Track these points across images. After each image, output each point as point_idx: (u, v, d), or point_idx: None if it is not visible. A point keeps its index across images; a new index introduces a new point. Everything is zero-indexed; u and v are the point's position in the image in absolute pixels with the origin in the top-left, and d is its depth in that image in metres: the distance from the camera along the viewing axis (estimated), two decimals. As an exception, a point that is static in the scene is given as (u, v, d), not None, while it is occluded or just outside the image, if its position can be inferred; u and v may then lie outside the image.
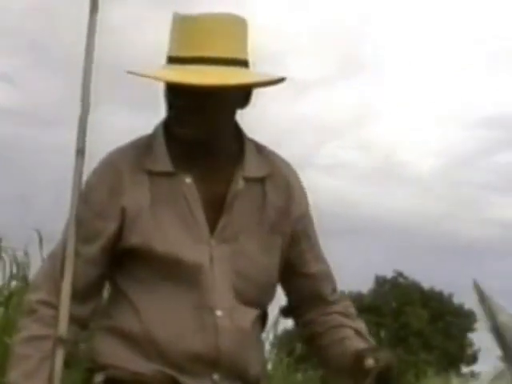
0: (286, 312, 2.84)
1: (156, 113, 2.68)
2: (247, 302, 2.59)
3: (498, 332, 2.04)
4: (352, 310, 2.81)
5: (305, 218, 2.72)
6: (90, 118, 2.56)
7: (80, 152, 2.55)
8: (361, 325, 2.77)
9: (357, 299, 33.17)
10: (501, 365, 2.26)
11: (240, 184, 2.59)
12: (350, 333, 2.70)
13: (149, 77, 2.52)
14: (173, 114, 2.56)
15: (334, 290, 2.81)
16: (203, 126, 2.54)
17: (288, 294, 2.77)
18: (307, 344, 2.85)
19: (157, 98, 2.63)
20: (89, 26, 2.58)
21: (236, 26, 2.57)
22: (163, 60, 2.57)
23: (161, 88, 2.59)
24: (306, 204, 2.74)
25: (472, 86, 49.53)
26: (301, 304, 2.77)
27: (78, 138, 2.56)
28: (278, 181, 2.67)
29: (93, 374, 2.58)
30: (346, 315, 2.75)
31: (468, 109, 49.60)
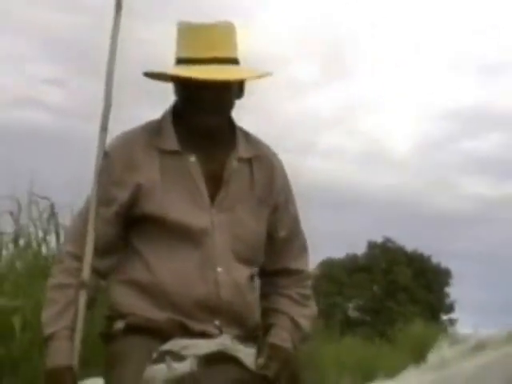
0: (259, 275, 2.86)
1: (162, 105, 2.81)
2: (242, 261, 2.69)
3: None
4: (305, 293, 2.83)
5: (285, 192, 2.82)
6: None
7: (103, 129, 2.72)
8: (305, 311, 2.80)
9: (352, 260, 33.33)
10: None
11: (234, 164, 2.71)
12: (282, 321, 2.74)
13: (172, 75, 2.66)
14: (187, 105, 2.68)
15: (301, 270, 2.85)
16: (214, 114, 2.67)
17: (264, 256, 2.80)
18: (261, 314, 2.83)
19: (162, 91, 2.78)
20: (113, 24, 2.74)
21: (229, 31, 2.71)
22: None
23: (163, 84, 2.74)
24: (286, 181, 2.84)
25: (440, 85, 50.97)
26: (267, 270, 2.83)
27: (103, 118, 2.73)
28: (263, 162, 2.78)
29: (113, 321, 2.66)
30: (295, 301, 2.79)
31: (437, 104, 50.92)
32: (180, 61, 2.67)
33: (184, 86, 2.66)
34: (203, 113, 2.65)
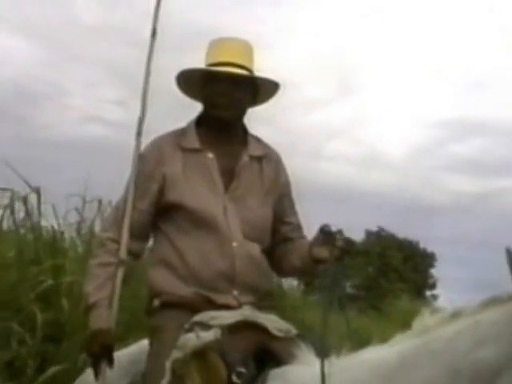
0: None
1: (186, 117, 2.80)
2: (251, 240, 2.64)
3: None
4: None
5: (287, 185, 2.82)
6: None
7: (138, 134, 2.68)
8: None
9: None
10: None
11: (245, 160, 2.69)
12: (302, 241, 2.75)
13: (203, 69, 2.67)
14: (210, 98, 2.67)
15: (299, 235, 2.82)
16: (230, 108, 2.65)
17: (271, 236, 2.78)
18: (275, 269, 2.80)
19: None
20: (149, 47, 2.73)
21: (247, 47, 2.73)
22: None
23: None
24: (287, 177, 2.83)
25: (429, 99, 51.74)
26: (276, 244, 2.79)
27: (138, 125, 2.69)
28: (271, 160, 2.77)
29: (151, 299, 2.63)
30: (302, 237, 2.80)
31: (427, 115, 51.62)
32: (208, 65, 2.70)
33: (206, 83, 2.67)
34: (218, 105, 2.64)
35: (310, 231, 2.80)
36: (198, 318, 2.48)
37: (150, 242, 2.77)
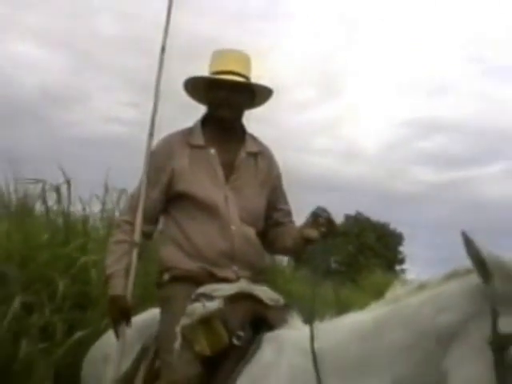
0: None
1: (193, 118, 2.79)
2: (248, 224, 2.63)
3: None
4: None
5: (278, 178, 2.80)
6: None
7: (151, 134, 2.69)
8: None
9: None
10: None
11: (243, 155, 2.68)
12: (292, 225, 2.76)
13: (208, 77, 2.65)
14: (214, 102, 2.66)
15: (288, 220, 2.82)
16: (231, 111, 2.64)
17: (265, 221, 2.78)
18: (268, 248, 2.80)
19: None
20: (159, 61, 2.73)
21: (245, 58, 2.71)
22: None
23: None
24: (279, 170, 2.81)
25: (399, 103, 53.12)
26: (269, 228, 2.79)
27: (150, 126, 2.70)
28: (265, 156, 2.76)
29: (162, 274, 2.63)
30: (291, 222, 2.81)
31: (397, 116, 53.16)
32: (210, 74, 2.69)
33: (210, 88, 2.66)
34: (220, 108, 2.64)
35: (299, 215, 2.80)
36: (202, 289, 2.48)
37: (160, 225, 2.76)
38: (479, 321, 1.83)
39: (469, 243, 1.84)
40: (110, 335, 2.79)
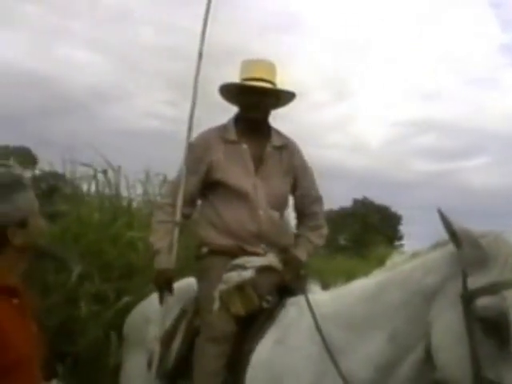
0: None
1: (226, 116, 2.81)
2: (273, 208, 2.67)
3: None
4: (317, 224, 2.77)
5: (302, 167, 2.77)
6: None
7: (189, 129, 2.72)
8: (317, 240, 2.77)
9: (343, 210, 33.38)
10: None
11: (269, 149, 2.71)
12: (301, 240, 2.73)
13: (240, 84, 2.66)
14: (245, 104, 2.68)
15: (317, 212, 2.78)
16: (259, 112, 2.67)
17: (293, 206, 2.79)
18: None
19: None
20: (196, 67, 2.76)
21: (272, 65, 2.72)
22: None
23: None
24: (303, 161, 2.78)
25: (398, 105, 55.84)
26: (297, 214, 2.81)
27: (189, 122, 2.72)
28: (288, 149, 2.75)
29: (200, 248, 2.65)
30: (311, 228, 2.77)
31: (397, 116, 55.44)
32: (241, 80, 2.70)
33: (242, 93, 2.66)
34: (252, 110, 2.65)
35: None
36: (236, 261, 2.52)
37: (199, 207, 2.78)
38: (454, 280, 1.95)
39: (444, 218, 1.95)
40: (149, 300, 2.86)
